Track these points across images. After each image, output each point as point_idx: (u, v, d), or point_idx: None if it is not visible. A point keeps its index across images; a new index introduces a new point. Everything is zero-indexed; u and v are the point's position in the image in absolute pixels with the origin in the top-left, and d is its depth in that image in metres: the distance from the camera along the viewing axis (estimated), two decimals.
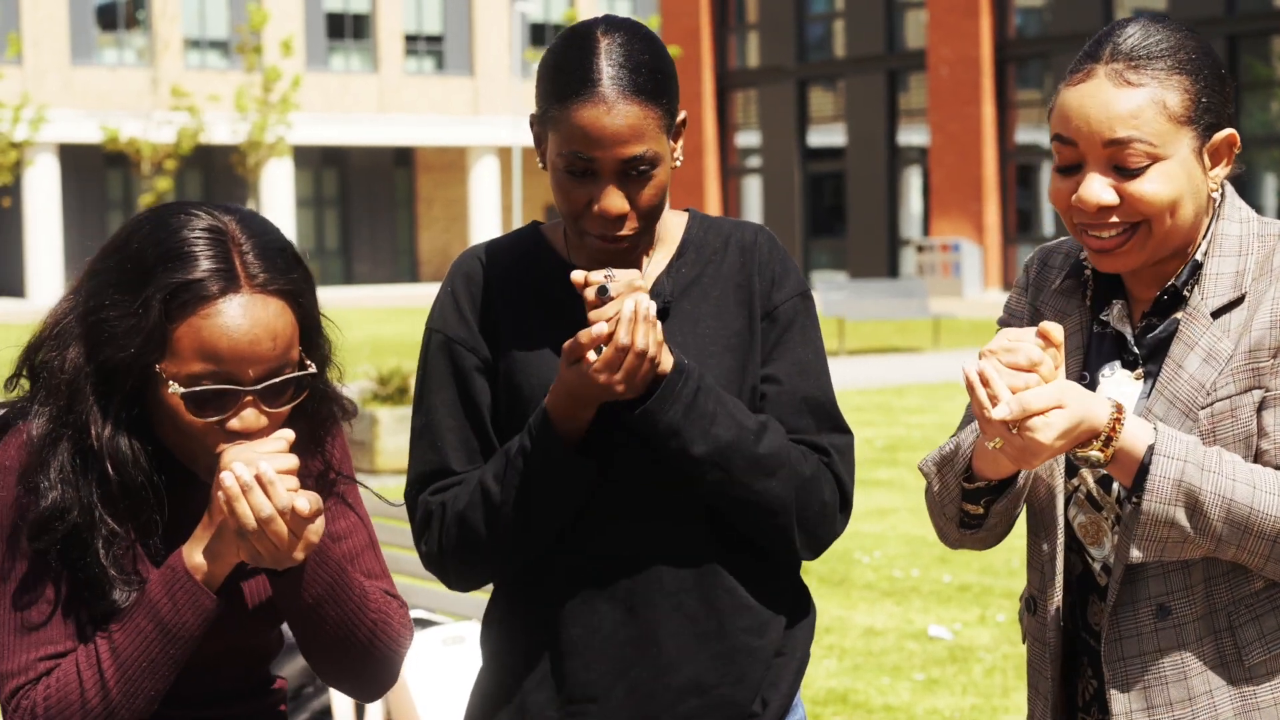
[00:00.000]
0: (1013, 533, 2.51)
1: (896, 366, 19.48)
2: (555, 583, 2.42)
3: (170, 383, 2.10)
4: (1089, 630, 2.39)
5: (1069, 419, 2.12)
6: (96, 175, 42.34)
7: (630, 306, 2.26)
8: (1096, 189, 2.26)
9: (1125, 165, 2.24)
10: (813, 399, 2.45)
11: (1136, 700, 2.28)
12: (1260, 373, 2.24)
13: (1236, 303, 2.28)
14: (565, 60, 2.34)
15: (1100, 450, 2.16)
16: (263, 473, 2.06)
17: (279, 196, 40.69)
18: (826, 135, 36.80)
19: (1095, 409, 2.15)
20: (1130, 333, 2.36)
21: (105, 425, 2.13)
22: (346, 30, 44.14)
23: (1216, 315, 2.28)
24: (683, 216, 2.53)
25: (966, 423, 2.43)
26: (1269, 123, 29.58)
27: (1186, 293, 2.32)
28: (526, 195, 44.21)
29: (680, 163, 2.43)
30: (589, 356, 2.27)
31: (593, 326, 2.27)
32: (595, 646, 2.40)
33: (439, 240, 46.85)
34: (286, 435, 2.12)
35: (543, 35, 45.57)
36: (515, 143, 38.20)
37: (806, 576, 2.57)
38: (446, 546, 2.42)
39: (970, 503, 2.36)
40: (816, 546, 2.44)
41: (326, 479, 2.31)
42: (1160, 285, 2.35)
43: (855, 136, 35.29)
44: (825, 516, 2.42)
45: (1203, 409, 2.24)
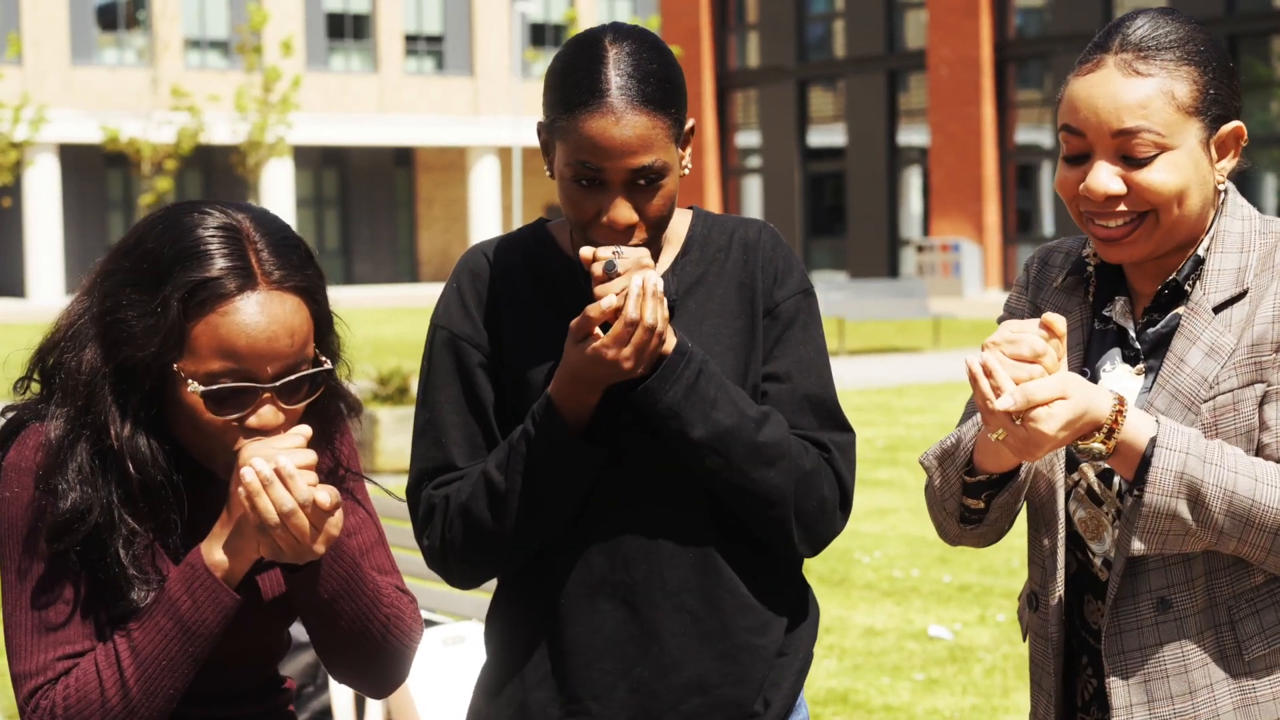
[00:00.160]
0: (1012, 531, 2.51)
1: (896, 366, 19.48)
2: (557, 581, 2.42)
3: (189, 381, 2.10)
4: (1087, 629, 2.39)
5: (1072, 410, 2.12)
6: (96, 175, 42.33)
7: (639, 282, 2.26)
8: (1104, 178, 2.26)
9: (1133, 155, 2.25)
10: (814, 396, 2.45)
11: (1137, 694, 2.28)
12: (1262, 367, 2.24)
13: (1238, 298, 2.28)
14: (573, 69, 2.33)
15: (1102, 442, 2.16)
16: (282, 466, 2.06)
17: (279, 197, 40.67)
18: (826, 135, 36.81)
19: (1098, 401, 2.15)
20: (1132, 328, 2.36)
21: (124, 425, 2.12)
22: (346, 30, 44.15)
23: (1218, 310, 2.28)
24: (686, 214, 2.53)
25: (967, 418, 2.44)
26: (1269, 123, 29.58)
27: (1188, 287, 2.33)
28: (526, 195, 44.21)
29: (689, 170, 2.43)
30: (596, 332, 2.27)
31: (601, 300, 2.26)
32: (597, 645, 2.40)
33: (439, 240, 46.85)
34: (304, 431, 2.12)
35: (543, 35, 45.59)
36: (515, 143, 38.20)
37: (806, 576, 2.57)
38: (449, 540, 2.41)
39: (971, 497, 2.36)
40: (815, 542, 2.43)
41: (336, 475, 2.31)
42: (1162, 280, 2.35)
43: (855, 136, 35.30)
44: (824, 512, 2.42)
45: (1205, 403, 2.24)
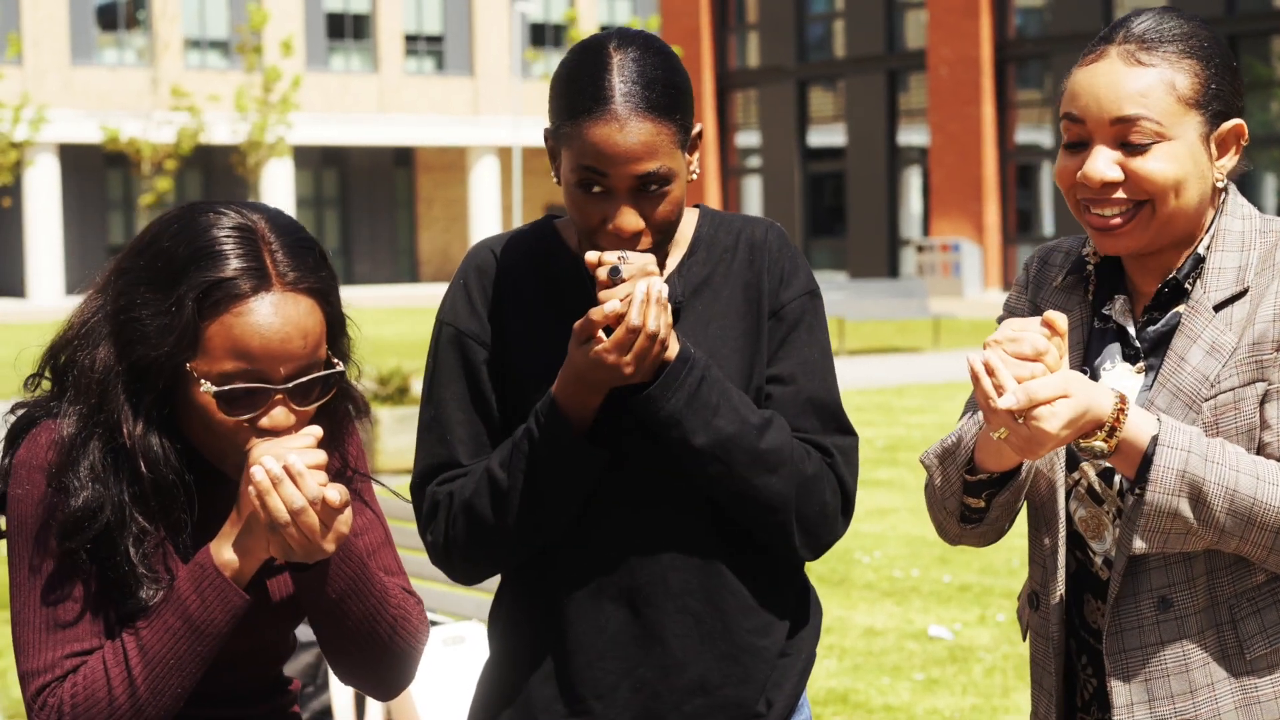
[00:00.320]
0: (1012, 531, 2.51)
1: (896, 366, 19.48)
2: (560, 581, 2.42)
3: (202, 381, 2.10)
4: (1086, 628, 2.39)
5: (1074, 408, 2.12)
6: (96, 175, 42.34)
7: (643, 288, 2.25)
8: (1101, 164, 2.26)
9: (1131, 142, 2.25)
10: (817, 400, 2.45)
11: (1138, 692, 2.28)
12: (1263, 366, 2.24)
13: (1239, 296, 2.28)
14: (577, 76, 2.32)
15: (1104, 441, 2.16)
16: (291, 464, 2.06)
17: (279, 196, 40.67)
18: (826, 135, 36.81)
19: (1100, 399, 2.15)
20: (1132, 327, 2.36)
21: (137, 424, 2.12)
22: (346, 30, 44.15)
23: (1219, 309, 2.28)
24: (693, 214, 2.52)
25: (967, 415, 2.43)
26: (1269, 123, 29.58)
27: (1188, 285, 2.33)
28: (526, 195, 44.22)
29: (697, 174, 2.42)
30: (599, 335, 2.26)
31: (604, 304, 2.25)
32: (600, 645, 2.40)
33: (439, 240, 46.85)
34: (315, 432, 2.12)
35: (543, 35, 45.59)
36: (515, 143, 38.20)
37: (807, 576, 2.57)
38: (453, 536, 2.41)
39: (972, 496, 2.36)
40: (816, 546, 2.43)
41: (344, 476, 2.31)
42: (1162, 278, 2.35)
43: (855, 136, 35.30)
44: (825, 517, 2.41)
45: (1206, 401, 2.24)
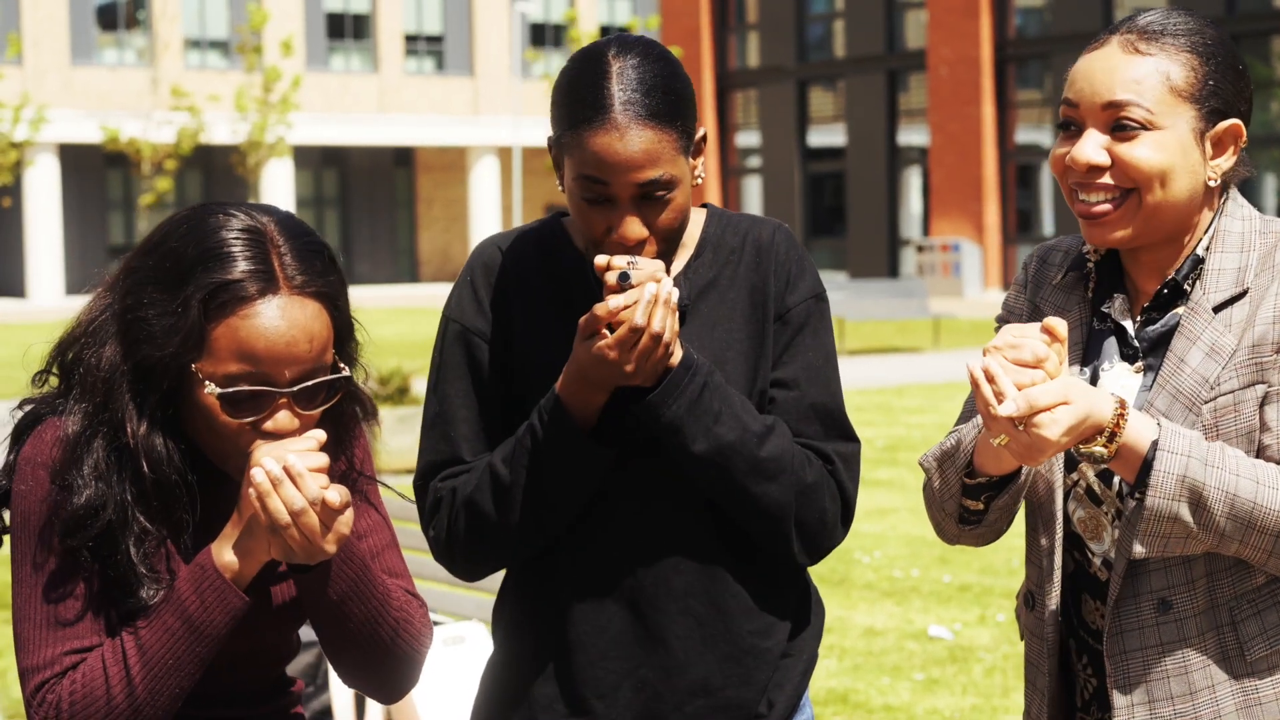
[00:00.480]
0: (1012, 531, 2.51)
1: (896, 366, 19.47)
2: (563, 580, 2.42)
3: (206, 383, 2.10)
4: (1085, 629, 2.39)
5: (1075, 415, 2.11)
6: (96, 175, 42.34)
7: (651, 289, 2.24)
8: (1089, 148, 2.27)
9: (1120, 128, 2.26)
10: (820, 405, 2.44)
11: (1138, 695, 2.27)
12: (1263, 368, 2.24)
13: (1238, 298, 2.28)
14: (577, 84, 2.32)
15: (1104, 446, 2.16)
16: (292, 465, 2.06)
17: (279, 196, 40.67)
18: (826, 135, 36.81)
19: (1100, 405, 2.15)
20: (1131, 326, 2.36)
21: (141, 424, 2.12)
22: (346, 30, 44.15)
23: (1218, 310, 2.28)
24: (700, 214, 2.51)
25: (965, 417, 2.43)
26: (1269, 123, 29.58)
27: (1187, 287, 2.32)
28: (526, 195, 44.21)
29: (702, 179, 2.41)
30: (603, 331, 2.25)
31: (610, 301, 2.24)
32: (602, 645, 2.40)
33: (439, 240, 46.85)
34: (318, 435, 2.12)
35: (543, 35, 45.58)
36: (515, 143, 38.19)
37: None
38: (455, 532, 2.41)
39: (971, 498, 2.36)
40: (814, 553, 2.42)
41: (349, 478, 2.31)
42: (1161, 278, 2.35)
43: (855, 136, 35.30)
44: (824, 525, 2.41)
45: (1205, 403, 2.24)
